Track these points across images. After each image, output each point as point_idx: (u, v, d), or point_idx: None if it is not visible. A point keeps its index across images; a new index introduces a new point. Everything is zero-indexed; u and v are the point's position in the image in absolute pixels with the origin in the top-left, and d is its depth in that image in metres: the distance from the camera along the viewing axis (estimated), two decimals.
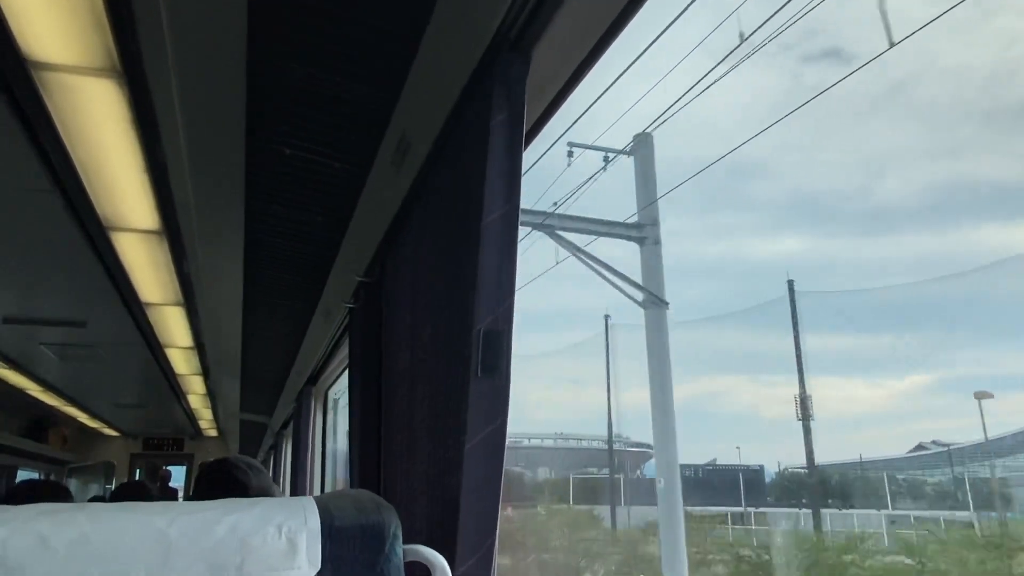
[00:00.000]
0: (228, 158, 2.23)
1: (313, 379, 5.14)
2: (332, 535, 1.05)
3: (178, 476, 12.25)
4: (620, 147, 12.62)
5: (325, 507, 1.08)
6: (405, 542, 1.18)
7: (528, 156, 1.50)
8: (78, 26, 1.86)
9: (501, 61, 1.41)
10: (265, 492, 1.96)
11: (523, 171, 1.43)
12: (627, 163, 12.76)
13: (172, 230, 3.07)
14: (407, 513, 1.71)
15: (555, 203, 12.04)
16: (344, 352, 3.86)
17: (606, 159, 12.42)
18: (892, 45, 6.92)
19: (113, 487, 11.42)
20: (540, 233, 12.13)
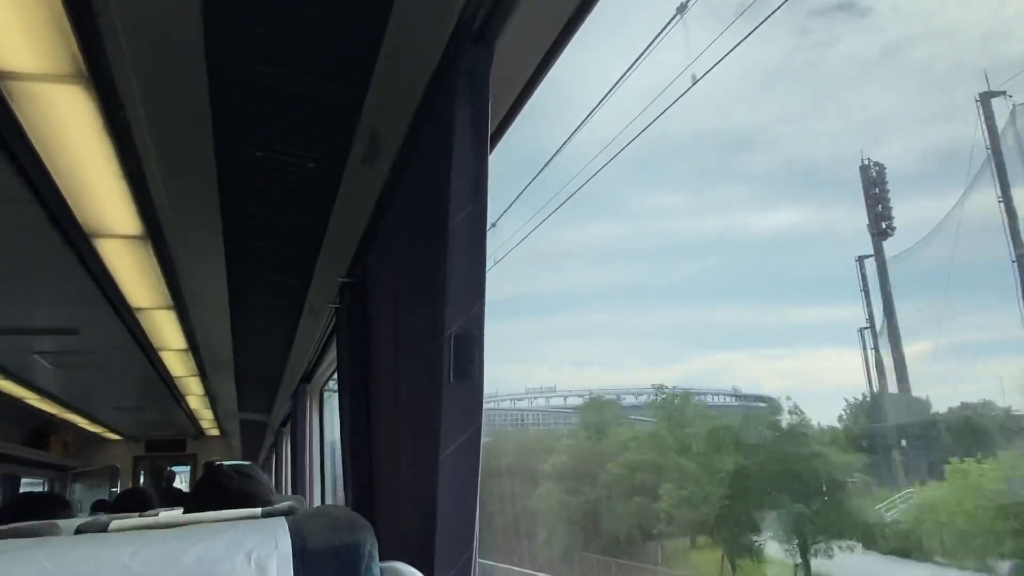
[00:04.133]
0: (200, 161, 2.20)
1: (307, 377, 5.13)
2: (305, 558, 1.02)
3: (182, 476, 12.29)
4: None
5: (297, 529, 1.04)
6: (392, 556, 1.15)
7: (497, 154, 1.47)
8: (42, 34, 1.82)
9: (464, 54, 1.37)
10: (250, 496, 1.94)
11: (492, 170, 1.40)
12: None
13: (154, 234, 3.05)
14: (393, 525, 1.68)
15: None
16: (335, 350, 3.85)
17: None
18: None
19: (118, 490, 11.45)
20: None
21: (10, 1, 1.71)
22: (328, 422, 5.50)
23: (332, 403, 5.54)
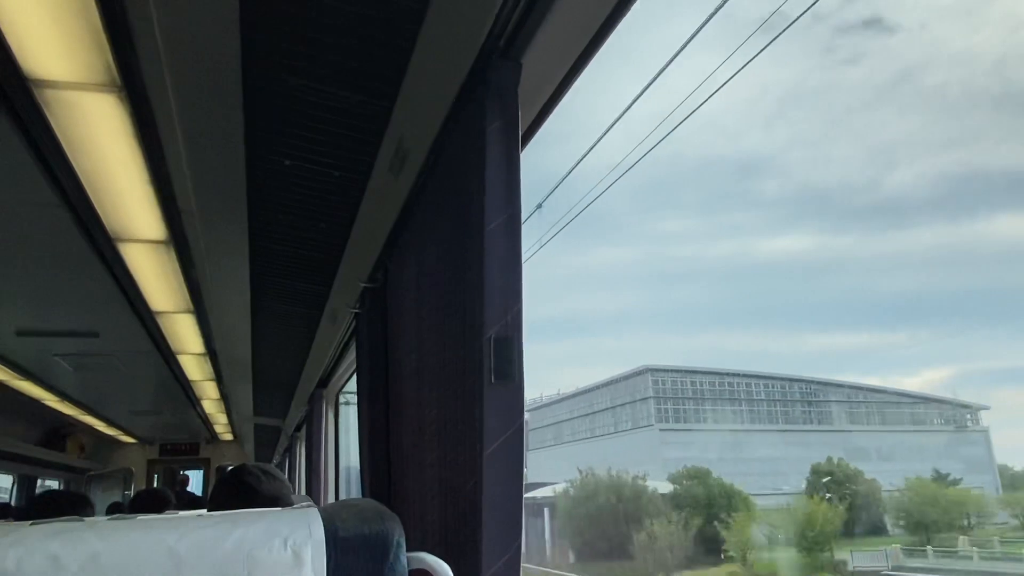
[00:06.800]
0: (229, 168, 2.25)
1: (324, 382, 5.17)
2: (337, 545, 1.07)
3: (195, 480, 12.35)
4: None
5: (329, 518, 1.09)
6: (417, 549, 1.19)
7: (525, 162, 1.51)
8: (77, 43, 1.88)
9: (492, 68, 1.42)
10: (277, 497, 1.98)
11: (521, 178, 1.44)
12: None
13: (178, 240, 3.11)
14: (418, 520, 1.72)
15: None
16: (353, 355, 3.89)
17: None
18: None
19: (132, 493, 11.52)
20: None
21: (47, 11, 1.77)
22: (343, 427, 5.54)
23: (347, 408, 5.58)
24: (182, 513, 2.28)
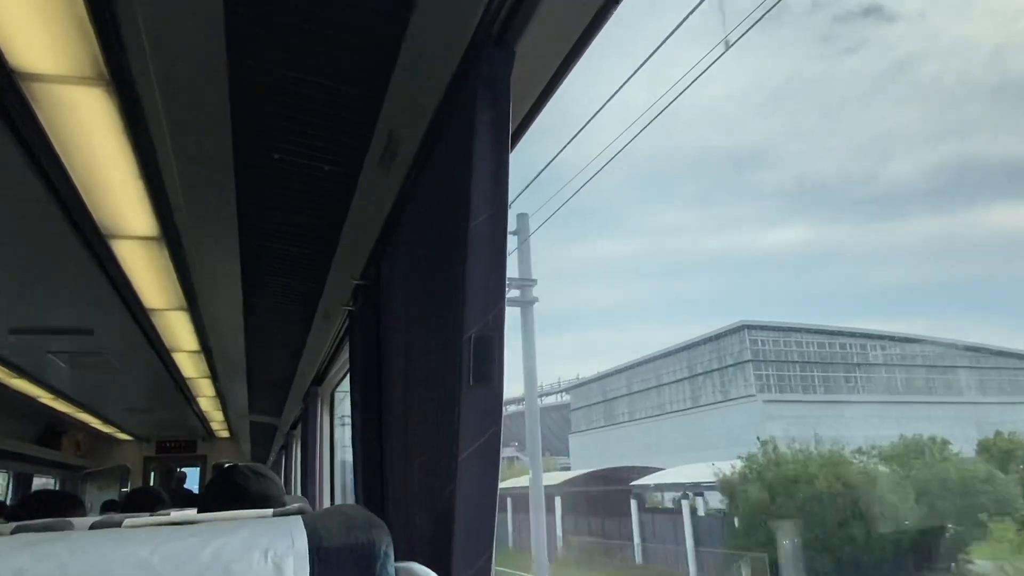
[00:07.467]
0: (217, 163, 2.22)
1: (319, 380, 5.14)
2: (321, 556, 1.02)
3: (192, 477, 12.33)
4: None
5: (313, 527, 1.05)
6: (404, 557, 1.15)
7: (515, 157, 1.47)
8: (64, 36, 1.85)
9: (484, 57, 1.37)
10: (267, 496, 1.96)
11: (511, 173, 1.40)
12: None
13: (170, 236, 3.08)
14: (406, 526, 1.68)
15: None
16: (347, 353, 3.86)
17: None
18: None
19: (129, 490, 11.50)
20: None
21: (33, 4, 1.73)
22: (339, 426, 5.52)
23: (343, 407, 5.56)
24: (175, 513, 2.27)
